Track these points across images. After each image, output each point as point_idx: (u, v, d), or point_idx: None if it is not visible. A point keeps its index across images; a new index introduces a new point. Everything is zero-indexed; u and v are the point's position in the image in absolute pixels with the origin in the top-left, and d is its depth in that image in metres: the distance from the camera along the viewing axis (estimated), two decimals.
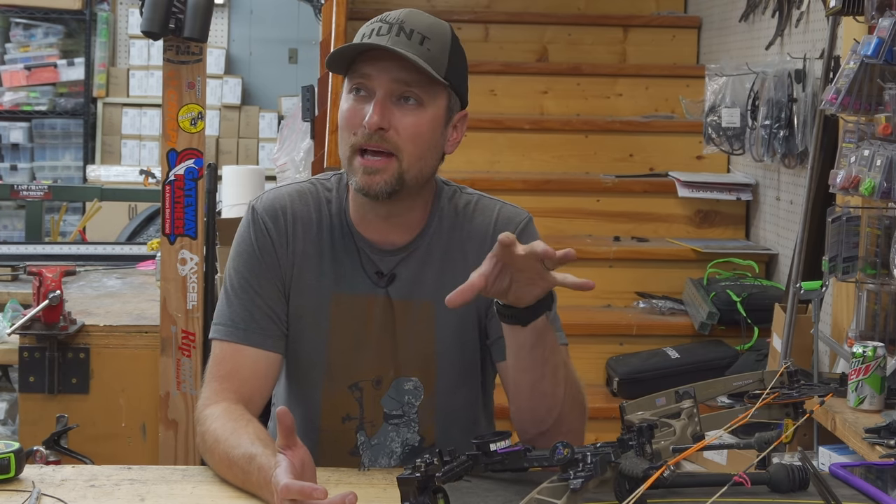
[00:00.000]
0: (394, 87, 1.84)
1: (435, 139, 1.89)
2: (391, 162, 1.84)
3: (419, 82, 1.84)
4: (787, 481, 1.67)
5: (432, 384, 1.95)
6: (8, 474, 1.73)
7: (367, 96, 1.85)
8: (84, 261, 4.42)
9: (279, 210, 1.95)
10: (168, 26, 3.10)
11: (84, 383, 3.27)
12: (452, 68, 1.88)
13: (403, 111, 1.85)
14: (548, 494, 1.47)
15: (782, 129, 3.98)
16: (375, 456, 1.99)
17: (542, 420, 1.85)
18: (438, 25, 1.90)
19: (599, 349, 4.19)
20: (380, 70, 1.83)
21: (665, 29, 5.43)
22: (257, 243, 1.94)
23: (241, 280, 1.94)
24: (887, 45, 2.76)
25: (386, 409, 1.97)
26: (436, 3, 5.46)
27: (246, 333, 1.91)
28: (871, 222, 2.96)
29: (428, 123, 1.86)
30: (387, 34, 1.83)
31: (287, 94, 8.44)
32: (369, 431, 1.98)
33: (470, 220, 1.97)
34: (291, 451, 1.59)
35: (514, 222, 1.97)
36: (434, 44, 1.86)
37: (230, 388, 1.88)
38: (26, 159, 8.33)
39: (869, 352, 2.67)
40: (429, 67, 1.82)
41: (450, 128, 1.92)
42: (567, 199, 4.64)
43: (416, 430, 1.98)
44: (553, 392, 1.83)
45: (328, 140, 4.34)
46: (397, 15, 1.87)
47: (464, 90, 1.93)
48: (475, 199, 2.01)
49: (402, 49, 1.81)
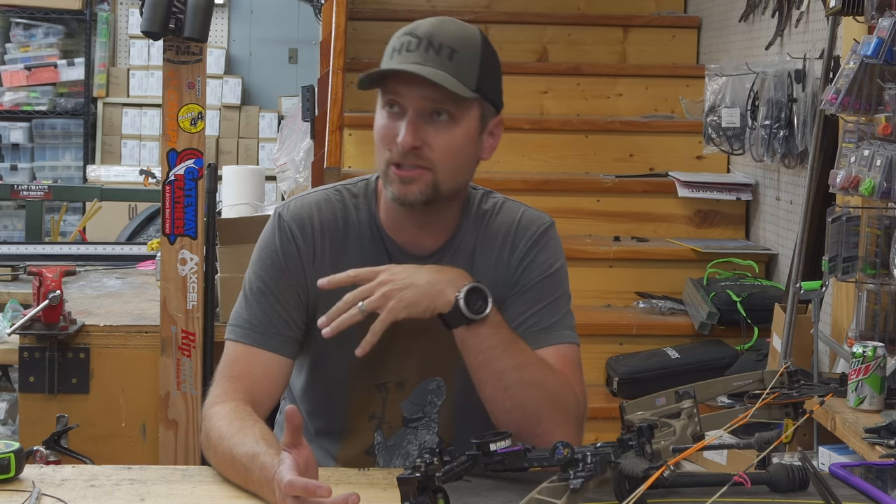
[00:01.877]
0: (425, 105, 1.84)
1: (470, 151, 1.90)
2: (426, 173, 1.86)
3: (450, 99, 1.84)
4: (787, 481, 1.67)
5: (453, 382, 1.96)
6: (8, 474, 1.73)
7: (399, 112, 1.86)
8: (84, 261, 4.42)
9: (306, 219, 1.96)
10: (168, 26, 3.10)
11: (84, 383, 3.27)
12: (484, 78, 1.87)
13: (437, 128, 1.85)
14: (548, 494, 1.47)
15: (782, 129, 3.98)
16: (390, 456, 2.00)
17: (501, 421, 1.85)
18: (468, 35, 1.89)
19: (599, 349, 4.19)
20: (410, 89, 1.84)
21: (665, 29, 5.43)
22: (282, 251, 1.95)
23: (262, 285, 1.95)
24: (887, 45, 2.76)
25: (405, 413, 1.99)
26: (436, 4, 5.46)
27: (263, 337, 1.92)
28: (870, 222, 2.96)
29: (462, 138, 1.87)
30: (416, 50, 1.84)
31: (287, 94, 8.44)
32: (386, 432, 2.00)
33: (493, 222, 1.99)
34: (296, 449, 1.59)
35: (535, 225, 1.99)
36: (463, 56, 1.85)
37: (241, 388, 1.89)
38: (26, 159, 8.33)
39: (869, 352, 2.67)
40: (458, 86, 1.82)
41: (485, 135, 1.93)
42: (567, 199, 4.64)
43: (436, 430, 1.99)
44: (494, 397, 1.84)
45: (328, 140, 4.34)
46: (427, 28, 1.86)
47: (498, 96, 1.93)
48: (500, 202, 2.02)
49: (431, 67, 1.81)
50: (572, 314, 1.98)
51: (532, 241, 1.97)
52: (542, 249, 1.97)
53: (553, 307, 1.95)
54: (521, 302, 1.94)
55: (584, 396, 1.92)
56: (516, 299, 1.94)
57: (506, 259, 1.96)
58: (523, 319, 1.93)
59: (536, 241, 1.97)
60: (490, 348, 1.82)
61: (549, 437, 1.79)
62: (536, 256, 1.96)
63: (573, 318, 1.98)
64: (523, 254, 1.96)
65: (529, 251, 1.96)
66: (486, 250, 1.97)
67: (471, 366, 1.85)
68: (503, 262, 1.96)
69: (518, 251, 1.96)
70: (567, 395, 1.87)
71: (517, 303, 1.94)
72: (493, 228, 1.98)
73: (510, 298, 1.95)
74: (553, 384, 1.86)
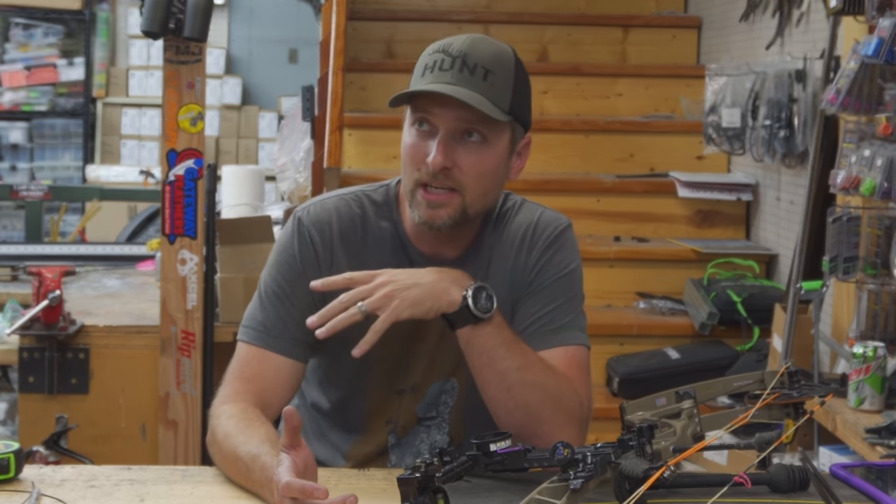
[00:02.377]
0: (457, 125, 1.83)
1: (499, 173, 1.89)
2: (454, 196, 1.85)
3: (483, 120, 1.82)
4: (787, 482, 1.67)
5: (465, 383, 1.96)
6: (8, 474, 1.73)
7: (430, 132, 1.84)
8: (84, 261, 4.43)
9: (325, 224, 1.95)
10: (168, 26, 3.10)
11: (84, 383, 3.27)
12: (517, 99, 1.86)
13: (467, 148, 1.84)
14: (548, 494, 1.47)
15: (782, 129, 3.98)
16: (402, 455, 2.00)
17: (504, 422, 1.85)
18: (502, 54, 1.87)
19: (600, 349, 4.19)
20: (443, 109, 1.82)
21: (665, 29, 5.43)
22: (300, 254, 1.94)
23: (278, 288, 1.94)
24: (888, 45, 2.76)
25: (420, 414, 1.99)
26: (437, 4, 5.46)
27: (276, 341, 1.91)
28: (871, 222, 2.96)
29: (492, 161, 1.86)
30: (449, 69, 1.82)
31: (287, 94, 8.44)
32: (400, 433, 2.00)
33: (511, 224, 1.98)
34: (295, 451, 1.59)
35: (552, 227, 1.98)
36: (497, 77, 1.84)
37: (252, 390, 1.88)
38: (26, 159, 8.33)
39: (869, 352, 2.67)
40: (493, 109, 1.81)
41: (514, 156, 1.93)
42: (567, 199, 4.64)
43: (447, 430, 1.99)
44: (497, 397, 1.84)
45: (328, 140, 4.34)
46: (460, 46, 1.84)
47: (528, 116, 1.92)
48: (518, 203, 2.02)
49: (465, 88, 1.80)
50: (585, 316, 1.98)
51: (549, 242, 1.97)
52: (558, 250, 1.97)
53: (565, 307, 1.94)
54: (534, 301, 1.94)
55: (588, 399, 1.91)
56: (530, 298, 1.94)
57: (523, 261, 1.96)
58: (535, 318, 1.93)
59: (553, 242, 1.97)
60: (494, 347, 1.82)
61: (550, 437, 1.78)
62: (553, 257, 1.96)
63: (585, 319, 1.98)
64: (539, 254, 1.96)
65: (545, 252, 1.96)
66: (504, 252, 1.97)
67: (474, 366, 1.84)
68: (520, 263, 1.96)
69: (535, 252, 1.96)
70: (570, 397, 1.87)
71: (530, 302, 1.94)
72: (511, 230, 1.98)
73: (524, 297, 1.95)
74: (555, 386, 1.85)
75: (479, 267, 1.95)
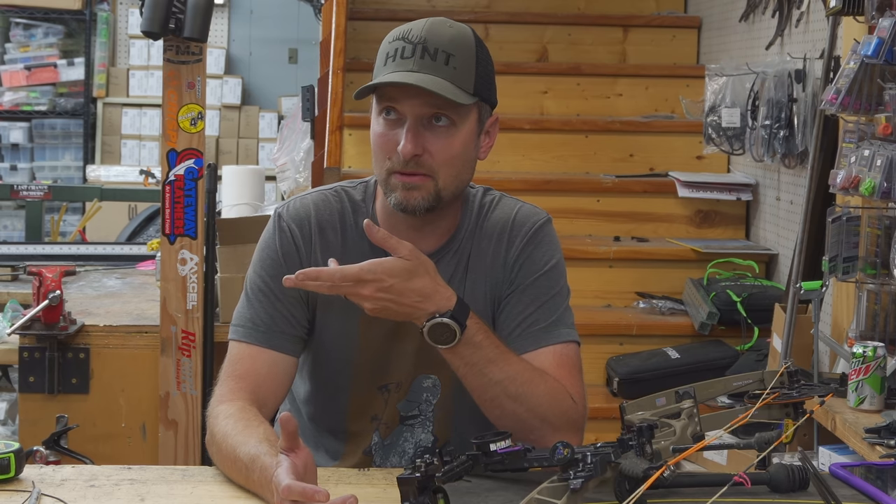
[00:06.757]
0: (424, 112, 1.83)
1: (469, 154, 1.90)
2: (427, 180, 1.86)
3: (449, 104, 1.83)
4: (787, 481, 1.67)
5: (449, 381, 1.96)
6: (8, 474, 1.73)
7: (397, 120, 1.85)
8: (84, 261, 4.42)
9: (304, 218, 1.96)
10: (168, 26, 3.10)
11: (84, 383, 3.27)
12: (480, 79, 1.87)
13: (436, 133, 1.84)
14: (548, 494, 1.47)
15: (782, 129, 3.98)
16: (387, 455, 2.00)
17: (495, 425, 1.85)
18: (461, 36, 1.87)
19: (599, 349, 4.19)
20: (409, 96, 1.82)
21: (665, 29, 5.43)
22: (282, 249, 1.95)
23: (264, 284, 1.94)
24: (887, 45, 2.76)
25: (402, 412, 1.99)
26: (436, 3, 5.46)
27: (266, 336, 1.92)
28: (871, 222, 2.96)
29: (461, 143, 1.87)
30: (411, 56, 1.82)
31: (287, 94, 8.44)
32: (383, 433, 2.00)
33: (489, 220, 1.98)
34: (294, 453, 1.59)
35: (530, 222, 1.98)
36: (459, 59, 1.84)
37: (246, 387, 1.89)
38: (26, 159, 8.33)
39: (869, 352, 2.67)
40: (458, 93, 1.82)
41: (482, 135, 1.93)
42: (567, 199, 4.64)
43: (431, 429, 1.99)
44: (483, 406, 1.84)
45: (328, 140, 4.34)
46: (420, 32, 1.85)
47: (493, 94, 1.93)
48: (497, 198, 2.02)
49: (428, 74, 1.80)
50: (571, 311, 1.97)
51: (527, 238, 1.97)
52: (537, 247, 1.96)
53: (551, 305, 1.94)
54: (518, 301, 1.94)
55: (581, 397, 1.90)
56: (513, 298, 1.94)
57: (502, 257, 1.96)
58: (521, 320, 1.93)
59: (532, 239, 1.97)
60: (472, 364, 1.82)
61: (543, 442, 1.78)
62: (532, 254, 1.96)
63: (572, 314, 1.97)
64: (519, 251, 1.96)
65: (525, 249, 1.96)
66: (483, 249, 1.96)
67: (457, 374, 1.85)
68: (500, 260, 1.96)
69: (514, 249, 1.96)
70: (561, 401, 1.86)
71: (514, 301, 1.94)
72: (489, 226, 1.98)
73: (507, 297, 1.95)
74: (542, 394, 1.84)
75: (459, 260, 1.95)
